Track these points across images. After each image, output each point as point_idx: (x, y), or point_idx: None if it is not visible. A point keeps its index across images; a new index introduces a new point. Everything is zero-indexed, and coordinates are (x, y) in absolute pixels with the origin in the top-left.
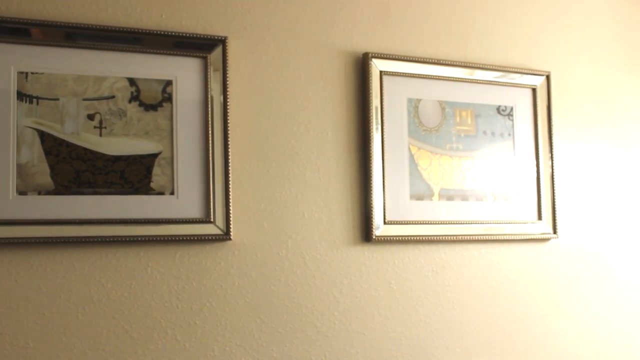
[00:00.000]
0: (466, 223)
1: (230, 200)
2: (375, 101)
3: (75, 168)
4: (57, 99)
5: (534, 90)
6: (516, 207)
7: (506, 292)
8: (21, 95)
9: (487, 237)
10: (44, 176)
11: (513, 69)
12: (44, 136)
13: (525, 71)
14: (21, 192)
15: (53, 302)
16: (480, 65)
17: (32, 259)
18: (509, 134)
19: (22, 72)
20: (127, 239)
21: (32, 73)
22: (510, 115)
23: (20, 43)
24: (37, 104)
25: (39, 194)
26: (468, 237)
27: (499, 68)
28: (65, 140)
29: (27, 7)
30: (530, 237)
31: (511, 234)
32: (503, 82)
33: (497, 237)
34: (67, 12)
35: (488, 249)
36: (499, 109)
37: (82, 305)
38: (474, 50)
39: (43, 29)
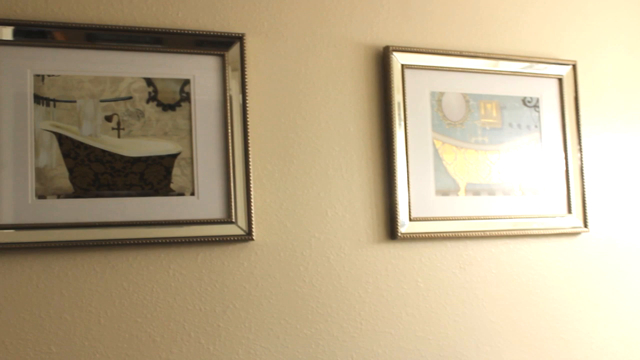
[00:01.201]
0: (493, 218)
1: (252, 200)
2: (397, 95)
3: (94, 170)
4: (74, 101)
5: (560, 81)
6: (545, 201)
7: (536, 288)
8: (38, 98)
9: (515, 232)
10: (63, 179)
11: (538, 59)
12: (61, 139)
13: (551, 61)
14: (40, 196)
15: (75, 307)
16: (505, 56)
17: (53, 264)
18: (536, 126)
19: (38, 75)
20: (148, 241)
21: (49, 75)
22: (536, 106)
23: (36, 46)
24: (54, 106)
25: (58, 197)
26: (496, 233)
27: (523, 58)
28: (83, 143)
29: (42, 10)
30: (560, 231)
31: (540, 229)
32: (528, 73)
33: (526, 231)
34: (82, 13)
35: (517, 244)
36: (524, 101)
37: (104, 309)
38: (498, 40)
39: (58, 31)
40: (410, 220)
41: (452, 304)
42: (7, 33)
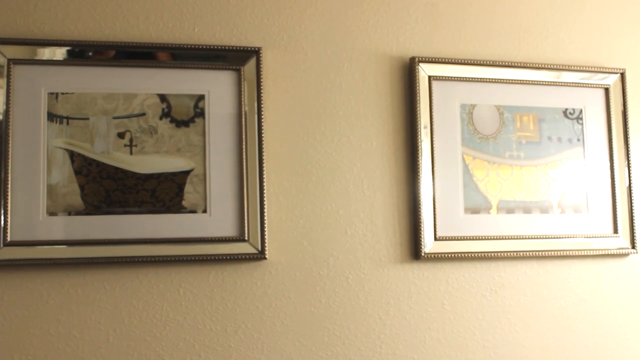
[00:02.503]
0: (529, 238)
1: (266, 218)
2: (423, 108)
3: (105, 187)
4: (87, 119)
5: (606, 90)
6: (588, 220)
7: (577, 313)
8: (51, 116)
9: (553, 252)
10: (74, 196)
11: (581, 68)
12: (74, 156)
13: (596, 69)
14: (51, 213)
15: (84, 324)
16: (544, 65)
17: (63, 280)
18: (579, 140)
19: (52, 93)
20: (159, 259)
21: (62, 93)
22: (579, 118)
23: (50, 64)
24: (67, 124)
25: (69, 214)
26: (531, 253)
27: (565, 67)
28: (95, 160)
29: (59, 28)
30: (604, 252)
31: (582, 249)
32: (570, 83)
33: (566, 252)
34: (98, 30)
35: (555, 266)
36: (566, 112)
37: (113, 327)
38: (537, 49)
39: (72, 49)
40: (436, 239)
41: (482, 329)
42: (21, 52)
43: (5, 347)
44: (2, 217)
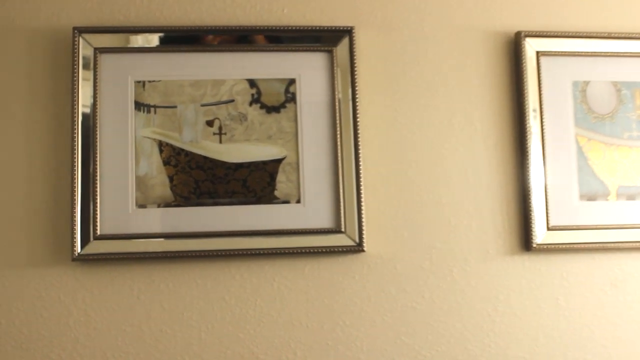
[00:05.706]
0: None
1: (363, 208)
2: (531, 87)
3: (194, 178)
4: (175, 107)
5: None
6: None
7: None
8: (138, 105)
9: None
10: (163, 188)
11: None
12: (162, 146)
13: None
14: (140, 205)
15: (175, 320)
16: None
17: (153, 274)
18: None
19: (139, 82)
20: (251, 252)
21: (149, 81)
22: None
23: (136, 51)
24: (155, 112)
25: (159, 206)
26: None
27: None
28: (183, 149)
29: (144, 14)
30: None
31: None
32: None
33: None
34: (184, 15)
35: None
36: None
37: (205, 323)
38: None
39: (159, 35)
40: (548, 229)
41: (601, 326)
42: (107, 41)
43: (98, 344)
44: (92, 210)
